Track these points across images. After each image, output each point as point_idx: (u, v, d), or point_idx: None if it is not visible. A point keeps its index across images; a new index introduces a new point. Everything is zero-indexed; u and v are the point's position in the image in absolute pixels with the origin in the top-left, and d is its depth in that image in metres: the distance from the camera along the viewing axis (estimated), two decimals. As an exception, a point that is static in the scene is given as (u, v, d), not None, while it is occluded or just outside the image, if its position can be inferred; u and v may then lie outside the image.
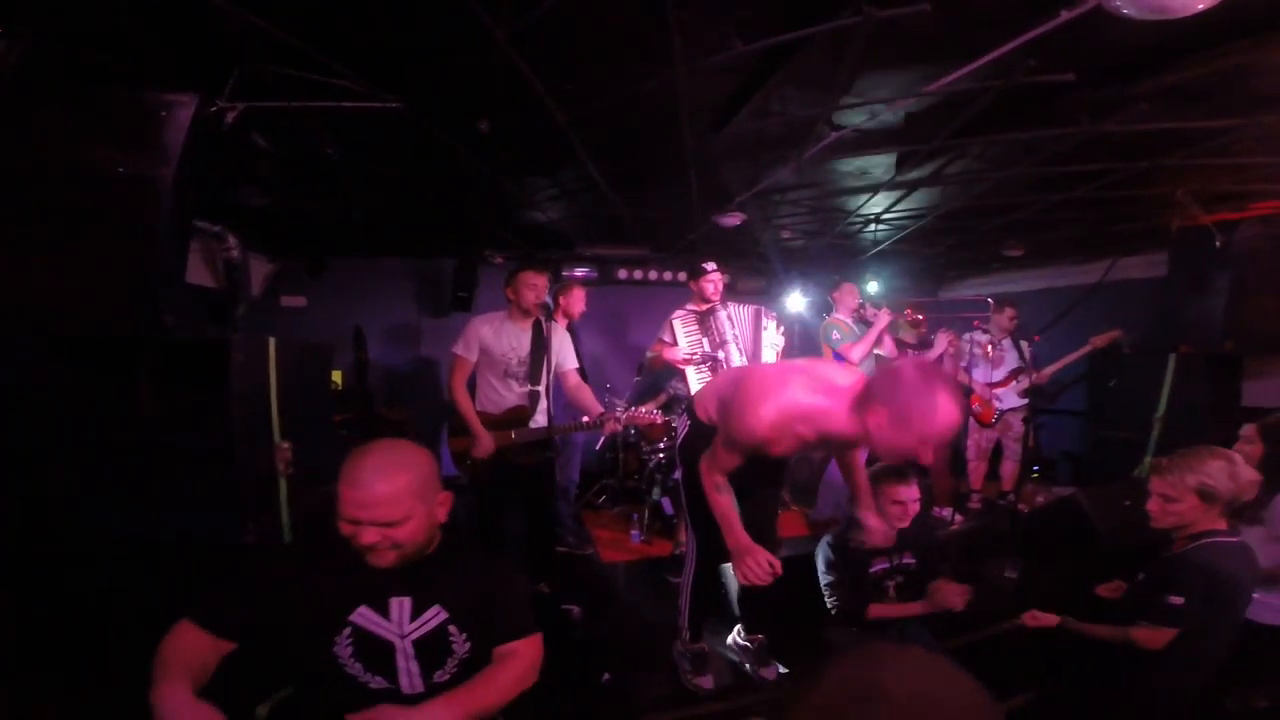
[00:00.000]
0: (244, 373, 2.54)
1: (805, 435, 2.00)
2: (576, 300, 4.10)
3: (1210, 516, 2.03)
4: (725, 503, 2.18)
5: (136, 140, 1.97)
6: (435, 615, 1.51)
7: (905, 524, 2.52)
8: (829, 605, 2.63)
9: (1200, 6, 1.49)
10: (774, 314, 4.11)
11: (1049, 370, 4.77)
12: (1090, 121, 2.49)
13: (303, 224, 4.48)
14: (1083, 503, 4.18)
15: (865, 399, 1.83)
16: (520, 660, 1.56)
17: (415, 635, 1.49)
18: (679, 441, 2.68)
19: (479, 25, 1.87)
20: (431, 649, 1.50)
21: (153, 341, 2.49)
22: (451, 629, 1.52)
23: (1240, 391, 4.29)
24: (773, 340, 3.99)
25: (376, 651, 1.47)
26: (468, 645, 1.53)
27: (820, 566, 2.64)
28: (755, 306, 4.03)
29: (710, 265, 3.88)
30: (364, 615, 1.46)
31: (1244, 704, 2.24)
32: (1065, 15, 1.71)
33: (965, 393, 4.82)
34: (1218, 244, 3.58)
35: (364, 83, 2.25)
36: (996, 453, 4.92)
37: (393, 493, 1.40)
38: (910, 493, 2.48)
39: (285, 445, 2.85)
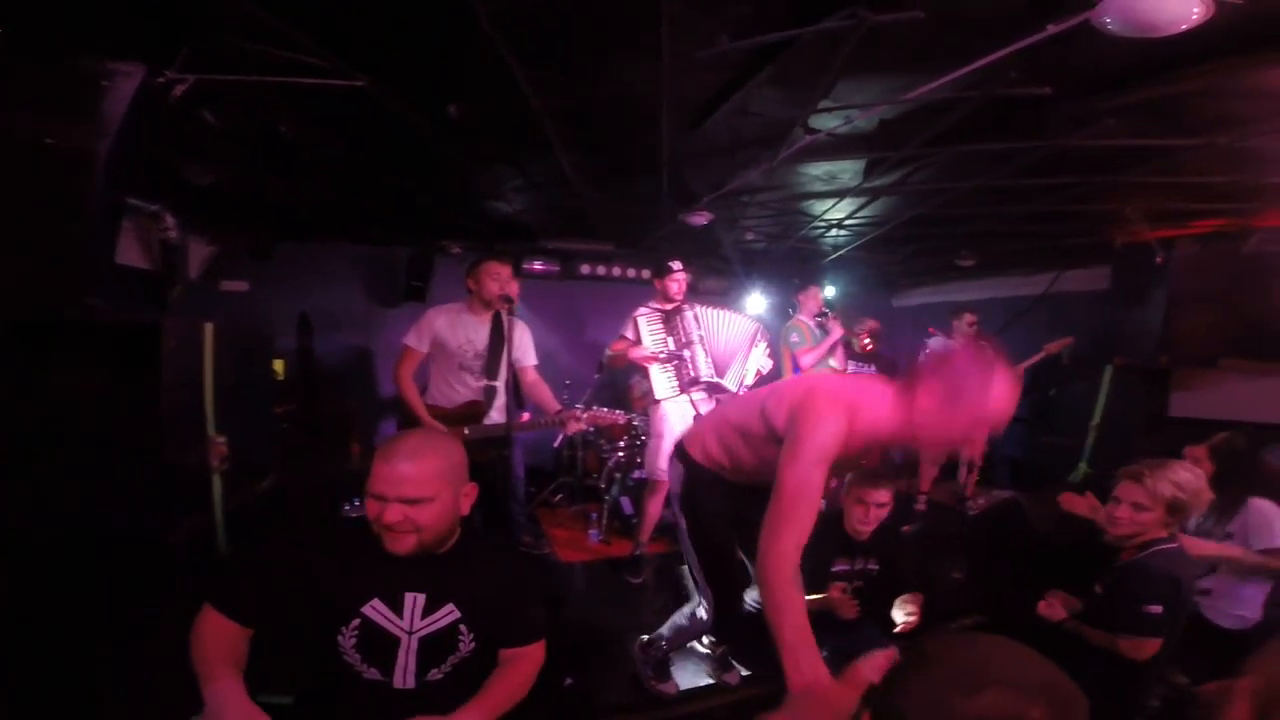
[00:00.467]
0: (176, 359, 2.37)
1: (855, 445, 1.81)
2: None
3: (1163, 526, 2.12)
4: (799, 608, 1.58)
5: (70, 111, 1.79)
6: (447, 614, 1.50)
7: (871, 528, 2.53)
8: None
9: (1184, 26, 1.54)
10: (769, 337, 4.12)
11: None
12: (1060, 135, 2.57)
13: (250, 205, 4.22)
14: (1023, 505, 4.36)
15: (914, 379, 1.72)
16: (530, 664, 1.59)
17: (424, 632, 1.48)
18: (676, 493, 2.32)
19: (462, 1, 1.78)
20: (436, 647, 1.50)
21: (76, 325, 2.28)
22: (461, 628, 1.52)
23: (1169, 403, 4.55)
24: (759, 362, 4.00)
25: (380, 644, 1.46)
26: (473, 645, 1.53)
27: None
28: (753, 324, 4.03)
29: (676, 265, 3.86)
30: (376, 608, 1.46)
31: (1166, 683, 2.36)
32: (1051, 29, 1.73)
33: None
34: (1158, 260, 3.76)
35: (330, 58, 2.11)
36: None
37: (421, 471, 1.41)
38: (882, 496, 2.47)
39: (220, 439, 2.69)
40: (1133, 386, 4.50)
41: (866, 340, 4.62)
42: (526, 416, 3.36)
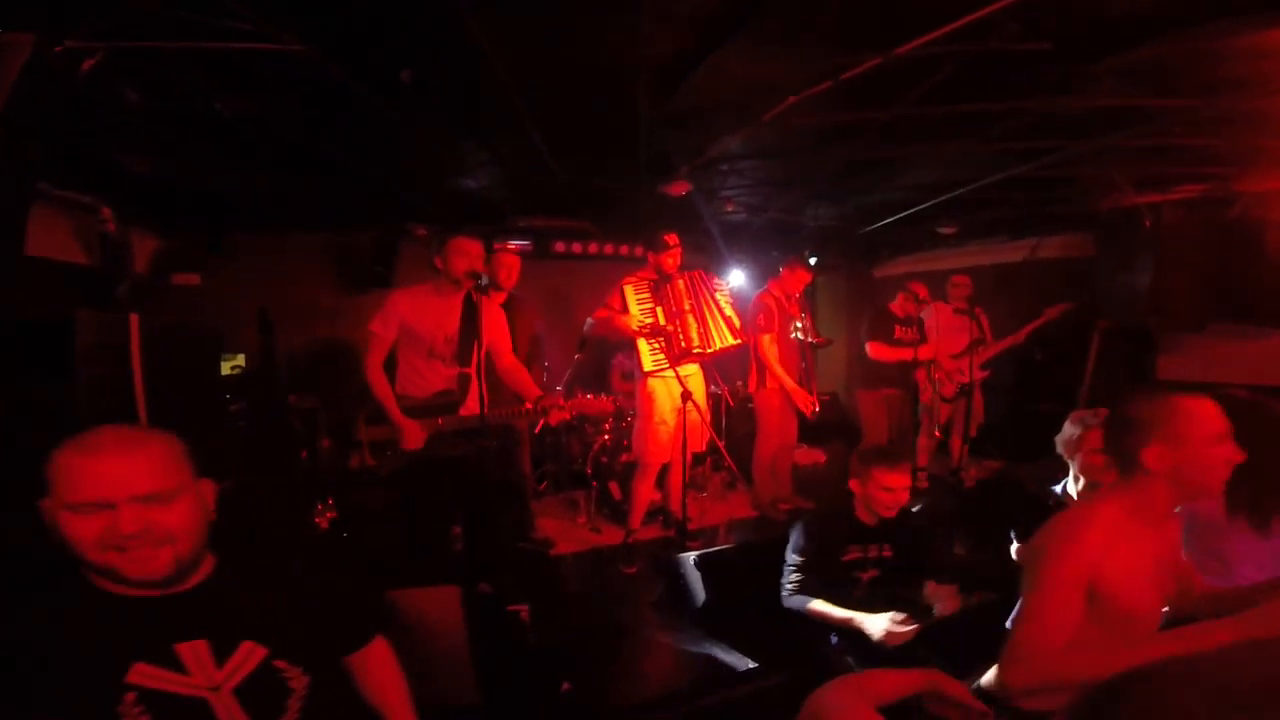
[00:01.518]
0: (96, 357, 2.13)
1: None
2: (504, 269, 3.75)
3: None
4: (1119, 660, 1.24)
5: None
6: (249, 654, 1.17)
7: (892, 514, 2.40)
8: (786, 586, 2.48)
9: None
10: (725, 281, 3.95)
11: (1007, 341, 4.78)
12: (1051, 96, 2.44)
13: (196, 195, 3.94)
14: (1021, 475, 4.31)
15: (1127, 453, 1.50)
16: (386, 653, 1.44)
17: (234, 684, 1.14)
18: None
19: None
20: (261, 695, 1.16)
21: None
22: (277, 664, 1.19)
23: (1155, 366, 4.52)
24: (726, 301, 3.81)
25: (186, 715, 1.10)
26: (306, 679, 1.21)
27: (790, 548, 2.50)
28: (699, 271, 3.84)
29: (672, 239, 3.66)
30: (145, 674, 1.08)
31: None
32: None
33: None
34: (1146, 224, 3.69)
35: (259, 20, 1.88)
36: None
37: (149, 457, 1.09)
38: (900, 480, 2.34)
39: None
40: (1119, 351, 4.45)
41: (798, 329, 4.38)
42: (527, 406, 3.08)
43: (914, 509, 3.84)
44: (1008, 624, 1.55)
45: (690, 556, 2.84)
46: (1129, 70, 2.28)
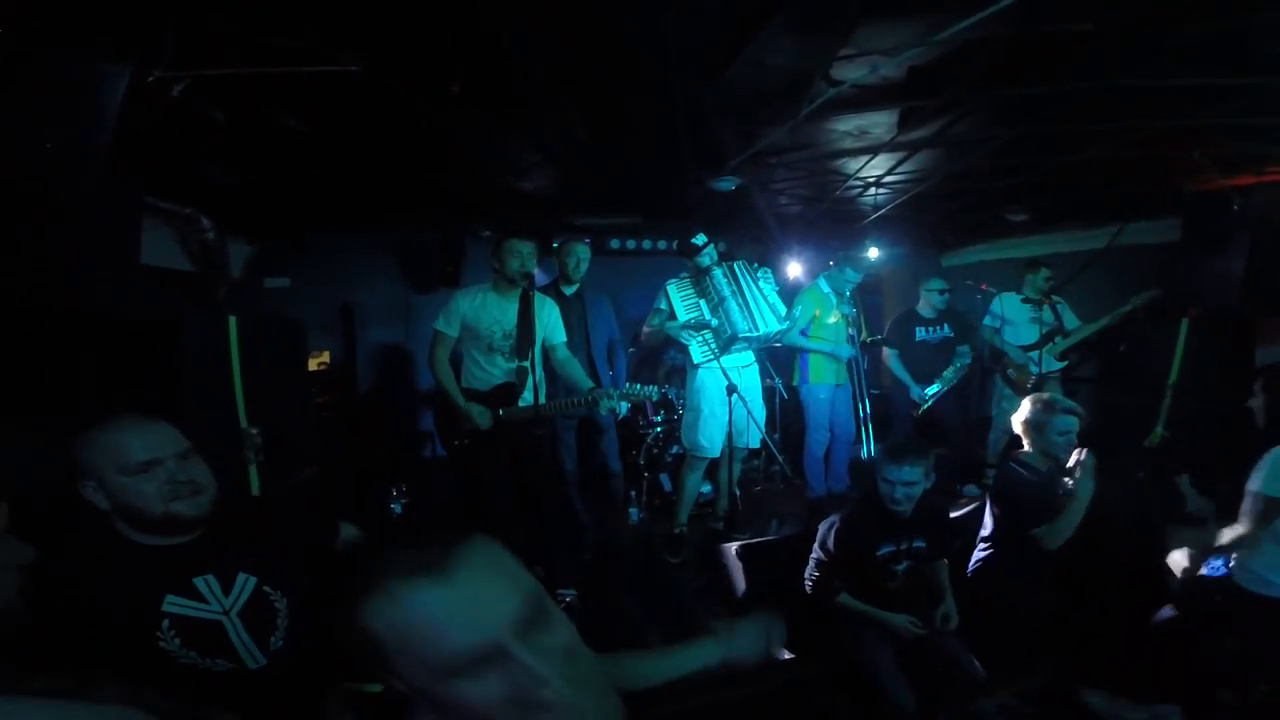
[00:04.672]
0: (200, 354, 2.40)
1: None
2: (572, 259, 3.85)
3: None
4: None
5: (67, 114, 1.80)
6: (245, 583, 1.48)
7: (904, 507, 2.38)
8: (808, 580, 2.51)
9: None
10: (758, 266, 3.93)
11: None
12: (1109, 76, 2.31)
13: (278, 202, 4.29)
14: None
15: None
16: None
17: (237, 608, 1.45)
18: None
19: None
20: (258, 616, 1.47)
21: (96, 321, 2.33)
22: (265, 590, 1.50)
23: (1254, 355, 4.16)
24: (772, 288, 3.81)
25: (208, 635, 1.41)
26: (285, 601, 1.53)
27: (816, 541, 2.51)
28: (748, 261, 3.85)
29: (701, 239, 3.71)
30: (176, 604, 1.39)
31: None
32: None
33: (996, 357, 4.66)
34: (1235, 208, 3.42)
35: (318, 42, 2.07)
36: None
37: (168, 426, 1.39)
38: (908, 475, 2.32)
39: (254, 431, 2.74)
40: (1211, 340, 4.12)
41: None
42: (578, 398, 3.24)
43: (966, 505, 3.74)
44: None
45: (732, 547, 2.88)
46: (1193, 47, 2.15)
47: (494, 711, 0.71)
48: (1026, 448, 2.74)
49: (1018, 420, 2.76)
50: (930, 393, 4.55)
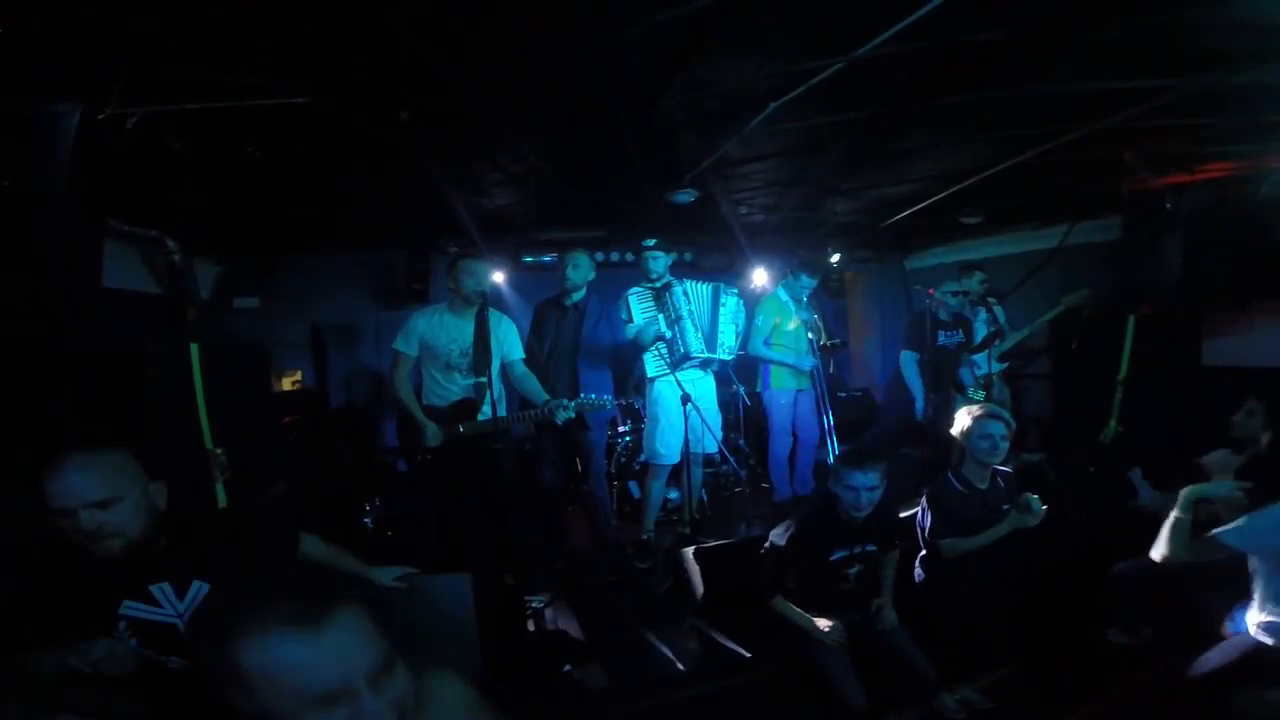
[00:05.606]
0: (164, 381, 2.47)
1: None
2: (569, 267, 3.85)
3: None
4: None
5: (18, 153, 1.87)
6: (199, 590, 1.63)
7: (866, 512, 2.46)
8: (759, 580, 2.59)
9: None
10: (734, 289, 4.05)
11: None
12: (1025, 84, 2.43)
13: (245, 223, 4.34)
14: (1048, 471, 4.20)
15: None
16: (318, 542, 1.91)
17: (190, 612, 1.60)
18: None
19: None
20: None
21: (64, 353, 2.39)
22: None
23: (1200, 350, 4.31)
24: (733, 315, 3.94)
25: (162, 636, 1.58)
26: None
27: (768, 542, 2.59)
28: (714, 283, 3.98)
29: (650, 242, 3.83)
30: (132, 608, 1.56)
31: None
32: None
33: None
34: (1168, 206, 3.56)
35: (267, 77, 2.14)
36: None
37: (95, 473, 1.48)
38: (866, 480, 2.42)
39: (219, 451, 2.81)
40: (1158, 336, 4.27)
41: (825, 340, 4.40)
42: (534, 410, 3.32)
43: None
44: None
45: (689, 551, 2.96)
46: (1102, 50, 2.26)
47: None
48: (965, 462, 2.85)
49: (954, 431, 2.87)
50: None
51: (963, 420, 2.82)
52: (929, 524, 2.78)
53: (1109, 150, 3.33)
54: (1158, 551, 2.22)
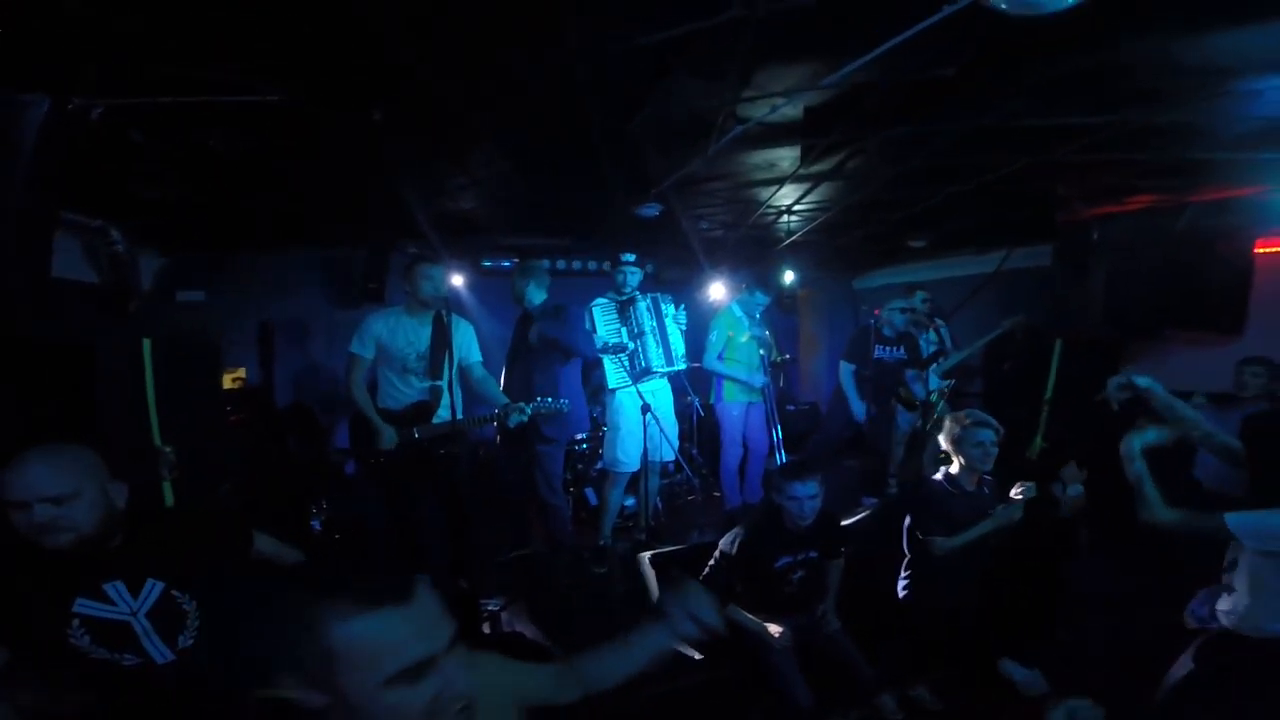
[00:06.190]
0: (114, 377, 2.39)
1: None
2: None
3: None
4: None
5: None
6: (152, 588, 1.63)
7: (810, 520, 2.58)
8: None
9: (1069, 3, 1.58)
10: (669, 296, 4.15)
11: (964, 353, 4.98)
12: (972, 117, 2.62)
13: (198, 216, 4.20)
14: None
15: None
16: (269, 540, 1.90)
17: (144, 610, 1.62)
18: None
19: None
20: (165, 617, 1.64)
21: (13, 344, 2.30)
22: (174, 593, 1.66)
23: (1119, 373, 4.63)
24: (674, 318, 4.04)
25: (116, 633, 1.58)
26: (194, 603, 1.69)
27: (718, 549, 2.69)
28: (651, 295, 4.06)
29: (628, 256, 3.90)
30: (86, 606, 1.55)
31: None
32: (948, 9, 1.76)
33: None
34: (1095, 237, 3.84)
35: (239, 73, 2.13)
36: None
37: (55, 468, 1.48)
38: (806, 490, 2.54)
39: (167, 449, 2.73)
40: (1083, 360, 4.58)
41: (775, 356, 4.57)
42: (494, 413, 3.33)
43: (862, 514, 4.00)
44: None
45: (645, 556, 3.03)
46: (1045, 87, 2.46)
47: (415, 714, 0.86)
48: (954, 466, 2.93)
49: (944, 439, 2.97)
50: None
51: (952, 429, 2.91)
52: (918, 525, 2.86)
53: (1042, 181, 3.59)
54: (1143, 514, 2.18)
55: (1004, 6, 1.78)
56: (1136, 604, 2.87)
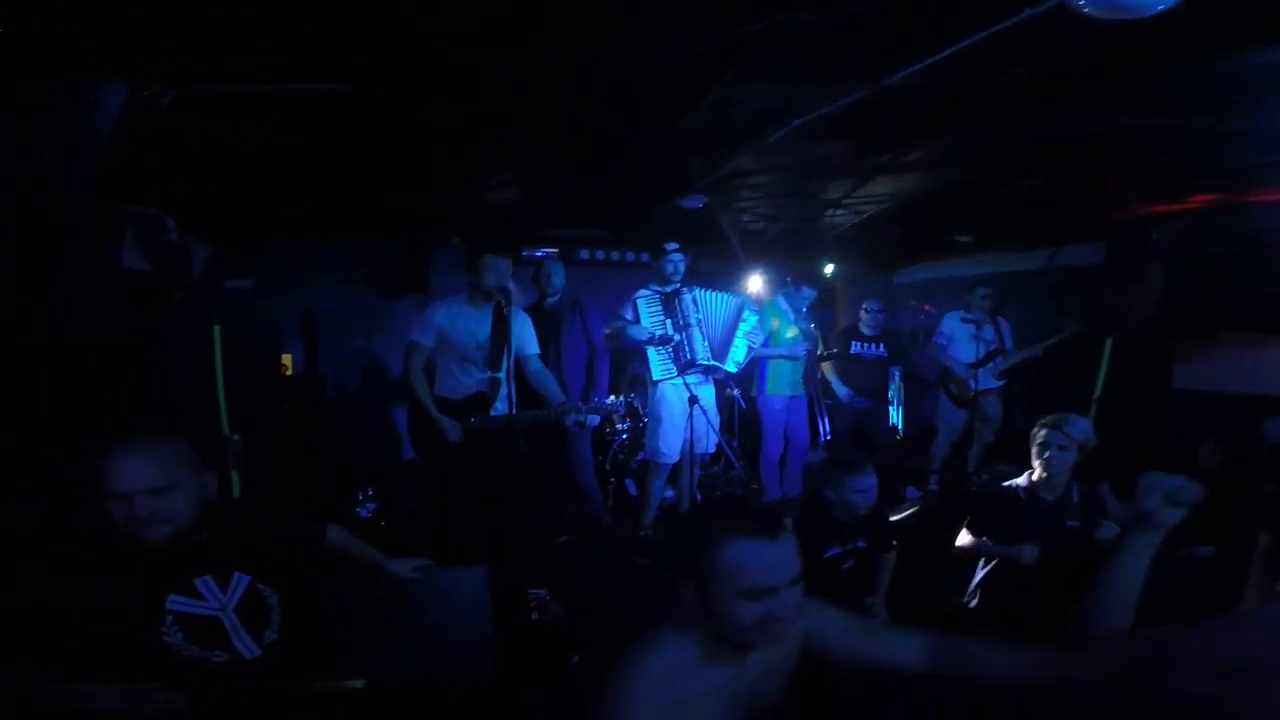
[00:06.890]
0: (183, 366, 2.44)
1: None
2: (544, 275, 4.02)
3: None
4: None
5: (63, 131, 1.85)
6: (239, 581, 1.64)
7: (861, 513, 2.58)
8: None
9: (1160, 8, 1.54)
10: (754, 305, 4.15)
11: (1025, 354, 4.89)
12: (1039, 120, 2.56)
13: (244, 206, 4.27)
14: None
15: None
16: (342, 533, 1.91)
17: (233, 605, 1.62)
18: None
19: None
20: (252, 611, 1.64)
21: (83, 342, 2.35)
22: (259, 587, 1.66)
23: (1171, 375, 4.54)
24: (748, 332, 4.03)
25: (207, 630, 1.57)
26: (277, 596, 1.69)
27: None
28: (739, 298, 4.07)
29: (672, 246, 3.89)
30: (178, 602, 1.54)
31: None
32: (1029, 12, 1.72)
33: (943, 372, 4.96)
34: (1154, 236, 3.75)
35: (302, 65, 2.15)
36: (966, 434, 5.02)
37: (155, 460, 1.49)
38: (867, 482, 2.54)
39: (236, 437, 2.78)
40: (1134, 360, 4.48)
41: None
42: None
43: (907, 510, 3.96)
44: None
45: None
46: (1113, 92, 2.40)
47: (750, 623, 1.11)
48: (1034, 473, 2.67)
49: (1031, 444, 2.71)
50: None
51: (1035, 433, 2.69)
52: (989, 531, 2.64)
53: (1102, 180, 3.51)
54: None
55: (1089, 10, 1.74)
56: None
